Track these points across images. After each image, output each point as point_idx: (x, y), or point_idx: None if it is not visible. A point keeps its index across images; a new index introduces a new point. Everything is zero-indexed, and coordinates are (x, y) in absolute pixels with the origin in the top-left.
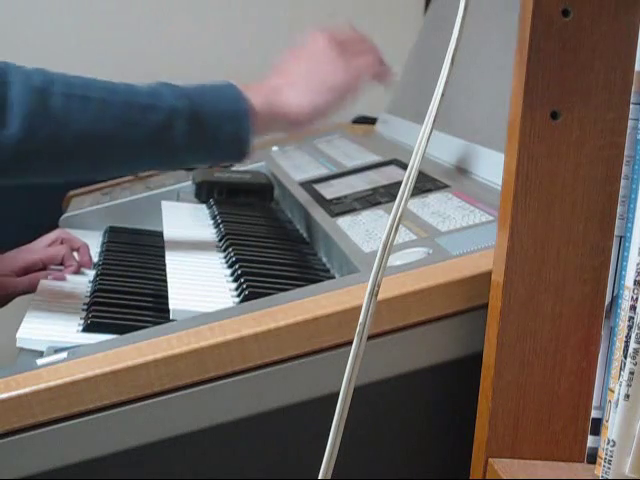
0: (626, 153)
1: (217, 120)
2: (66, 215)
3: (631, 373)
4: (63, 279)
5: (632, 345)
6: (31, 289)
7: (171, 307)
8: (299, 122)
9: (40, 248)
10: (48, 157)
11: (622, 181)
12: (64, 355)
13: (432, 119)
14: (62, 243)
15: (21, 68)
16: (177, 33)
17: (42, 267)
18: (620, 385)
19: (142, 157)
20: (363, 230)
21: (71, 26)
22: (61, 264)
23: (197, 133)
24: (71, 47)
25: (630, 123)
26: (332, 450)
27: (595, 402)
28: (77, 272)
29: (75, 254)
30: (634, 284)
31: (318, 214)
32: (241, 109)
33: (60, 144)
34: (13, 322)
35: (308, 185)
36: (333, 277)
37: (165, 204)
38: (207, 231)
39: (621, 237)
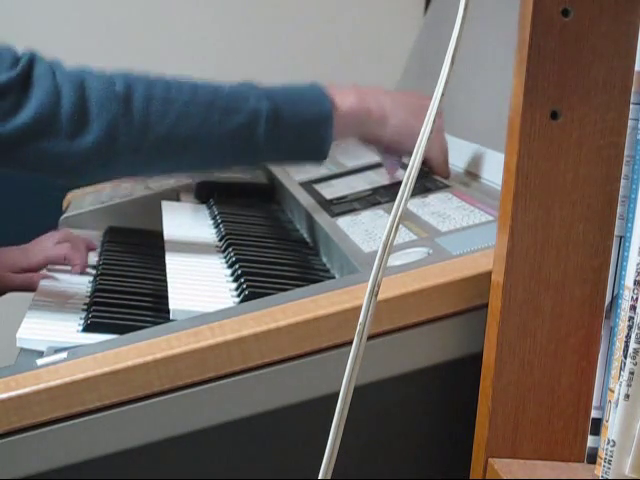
0: (626, 153)
1: (298, 123)
2: (66, 215)
3: (631, 373)
4: (58, 279)
5: (632, 345)
6: (27, 287)
7: (171, 307)
8: (389, 139)
9: (45, 248)
10: (129, 160)
11: (622, 181)
12: (64, 355)
13: (432, 119)
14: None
15: (100, 73)
16: (176, 33)
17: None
18: (620, 385)
19: (223, 157)
20: (363, 230)
21: (70, 25)
22: (64, 264)
23: (278, 135)
24: (71, 46)
25: (630, 123)
26: (332, 450)
27: (595, 402)
28: (83, 271)
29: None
30: (634, 284)
31: (318, 214)
32: (323, 112)
33: (141, 148)
34: (13, 322)
35: (308, 185)
36: (333, 277)
37: (165, 204)
38: (207, 231)
39: (621, 237)
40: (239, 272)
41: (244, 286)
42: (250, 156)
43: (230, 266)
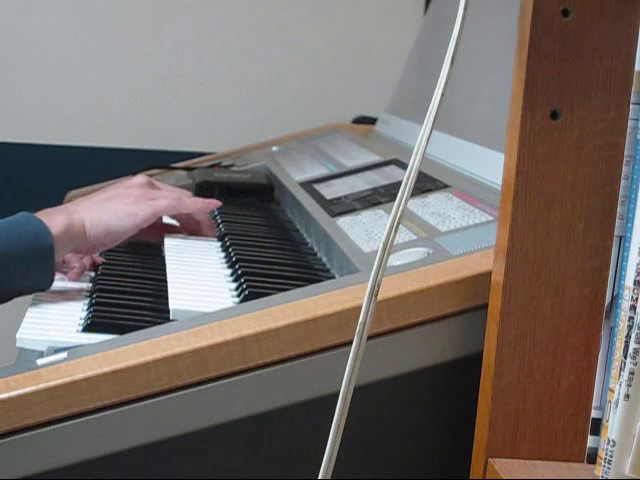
0: (626, 153)
1: (19, 258)
2: None
3: (631, 373)
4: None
5: (632, 345)
6: None
7: (171, 307)
8: (94, 241)
9: None
10: None
11: (622, 181)
12: (64, 355)
13: (432, 119)
14: None
15: None
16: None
17: None
18: (620, 385)
19: None
20: (363, 230)
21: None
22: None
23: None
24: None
25: (630, 123)
26: (332, 450)
27: (595, 402)
28: (80, 275)
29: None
30: (634, 284)
31: (318, 214)
32: (43, 244)
33: None
34: (13, 322)
35: (308, 185)
36: (333, 277)
37: None
38: None
39: (621, 237)
40: (239, 272)
41: (244, 286)
42: None
43: (230, 266)
